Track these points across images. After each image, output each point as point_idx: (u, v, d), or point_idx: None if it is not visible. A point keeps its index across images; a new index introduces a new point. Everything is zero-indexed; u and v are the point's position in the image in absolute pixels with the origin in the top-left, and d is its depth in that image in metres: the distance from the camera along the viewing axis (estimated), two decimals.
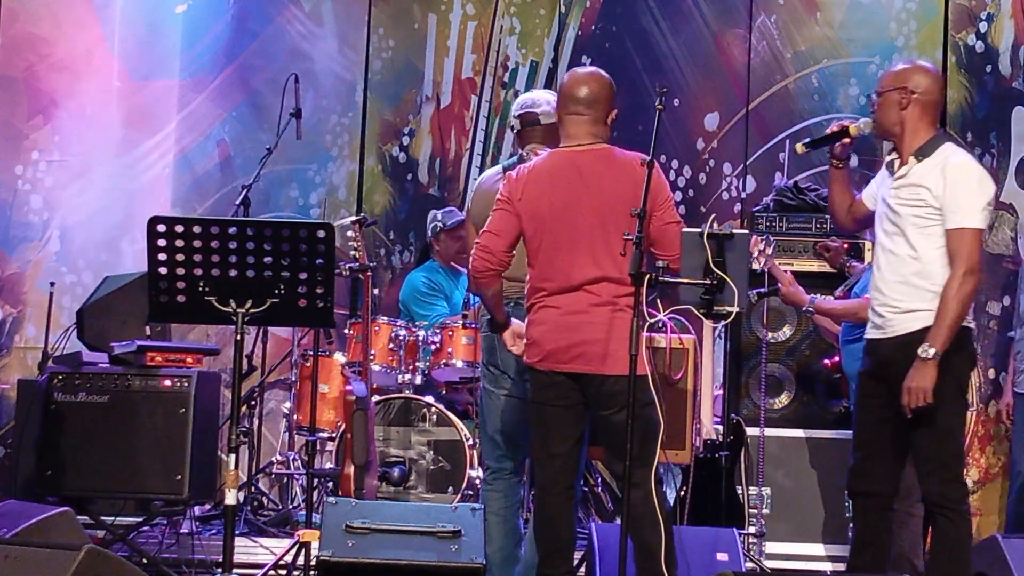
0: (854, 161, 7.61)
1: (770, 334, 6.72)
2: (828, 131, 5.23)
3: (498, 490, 5.49)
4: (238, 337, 4.87)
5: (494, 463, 5.52)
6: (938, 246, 4.91)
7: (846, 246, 6.65)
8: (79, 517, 5.67)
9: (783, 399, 6.80)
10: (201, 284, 4.84)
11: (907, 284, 4.95)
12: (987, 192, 4.94)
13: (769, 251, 5.99)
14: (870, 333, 5.09)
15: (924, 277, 4.93)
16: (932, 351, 4.81)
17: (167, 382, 6.22)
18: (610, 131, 4.99)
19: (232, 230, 4.84)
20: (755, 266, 5.89)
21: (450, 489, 6.96)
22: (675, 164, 8.13)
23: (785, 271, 6.12)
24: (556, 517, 4.92)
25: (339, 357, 7.23)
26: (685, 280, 4.63)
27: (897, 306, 4.96)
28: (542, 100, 5.58)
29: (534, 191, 4.92)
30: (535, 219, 4.91)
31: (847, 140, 5.19)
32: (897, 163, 5.05)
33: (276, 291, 4.85)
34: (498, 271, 4.96)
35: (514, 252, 4.96)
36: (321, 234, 4.84)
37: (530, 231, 4.92)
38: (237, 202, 6.54)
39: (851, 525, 5.24)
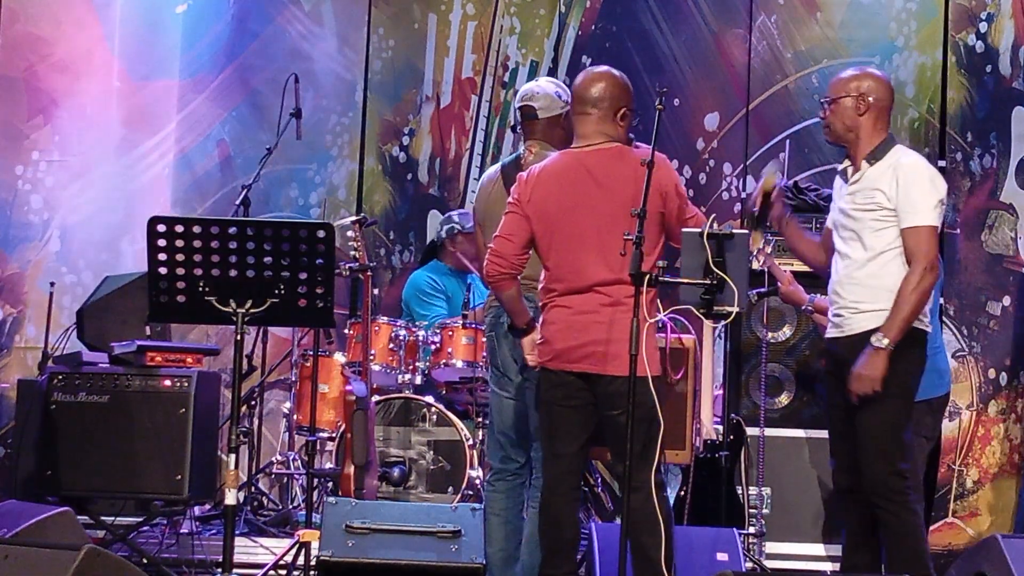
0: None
1: (770, 334, 6.72)
2: (755, 205, 5.19)
3: (500, 491, 5.49)
4: (238, 337, 4.87)
5: (497, 463, 5.53)
6: (893, 247, 4.98)
7: None
8: (79, 517, 5.68)
9: (783, 399, 6.80)
10: (201, 284, 4.84)
11: (863, 286, 5.02)
12: (939, 190, 5.02)
13: (768, 249, 5.99)
14: (829, 333, 5.17)
15: (880, 278, 5.00)
16: (885, 341, 4.89)
17: (167, 382, 6.22)
18: (622, 128, 4.97)
19: (232, 230, 4.84)
20: (755, 265, 5.90)
21: (450, 489, 6.95)
22: (675, 164, 8.13)
23: (785, 270, 6.12)
24: (560, 517, 4.93)
25: (339, 357, 7.23)
26: (685, 280, 4.63)
27: (856, 307, 5.03)
28: (541, 92, 5.57)
29: (542, 192, 4.94)
30: (544, 220, 4.92)
31: (773, 194, 5.19)
32: (850, 170, 5.10)
33: (276, 291, 4.85)
34: (511, 274, 4.98)
35: (527, 254, 4.97)
36: (321, 234, 4.84)
37: (540, 232, 4.93)
38: (237, 202, 6.54)
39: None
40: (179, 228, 4.83)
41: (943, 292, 7.01)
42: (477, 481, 6.84)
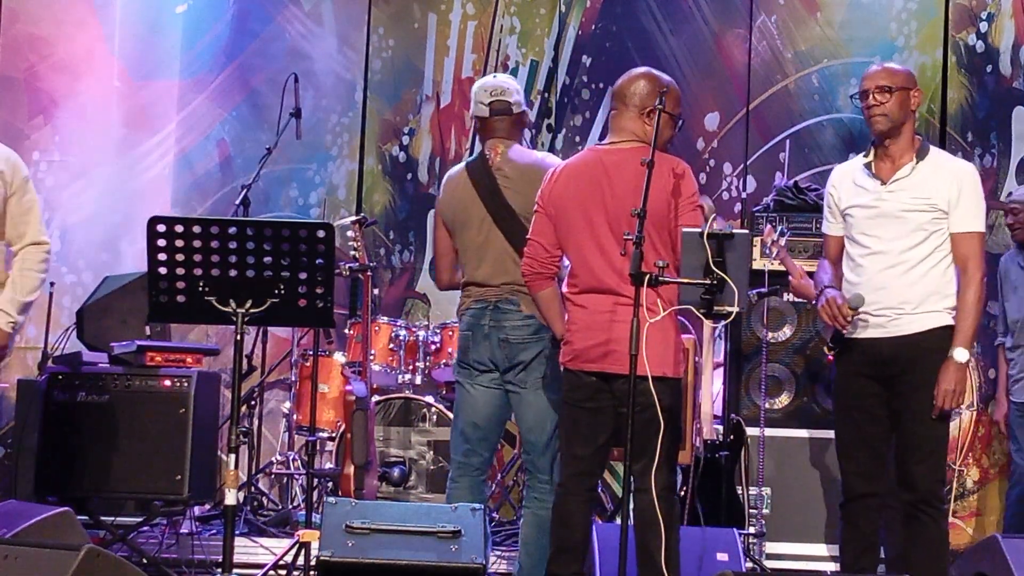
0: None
1: (770, 334, 6.72)
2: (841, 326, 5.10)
3: (463, 487, 5.49)
4: (238, 337, 4.86)
5: (461, 457, 5.52)
6: (945, 250, 4.98)
7: None
8: (79, 517, 5.67)
9: (783, 399, 6.80)
10: (201, 284, 4.83)
11: (912, 287, 4.98)
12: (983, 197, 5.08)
13: (783, 242, 5.98)
14: (864, 333, 5.08)
15: (931, 280, 4.99)
16: (966, 355, 4.93)
17: (167, 382, 6.22)
18: (649, 127, 4.90)
19: (232, 230, 4.83)
20: (761, 260, 5.89)
21: None
22: None
23: (797, 265, 6.08)
24: (572, 516, 4.95)
25: (339, 357, 7.22)
26: (685, 280, 4.63)
27: (902, 308, 4.99)
28: (512, 88, 5.56)
29: (560, 189, 4.97)
30: (562, 219, 4.95)
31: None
32: (880, 165, 5.06)
33: (276, 291, 4.84)
34: (544, 274, 5.00)
35: (559, 252, 4.98)
36: (321, 234, 4.83)
37: (560, 231, 4.96)
38: (237, 202, 6.54)
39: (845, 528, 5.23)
40: (179, 228, 4.82)
41: None
42: None
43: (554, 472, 5.31)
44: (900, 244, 5.00)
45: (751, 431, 6.58)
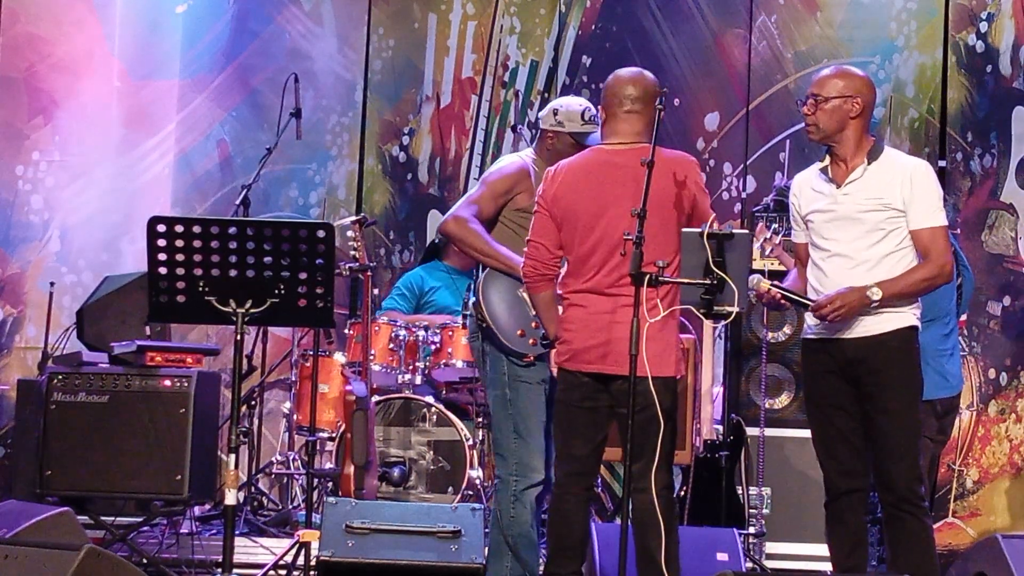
0: None
1: (770, 334, 6.72)
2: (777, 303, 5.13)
3: None
4: (238, 337, 4.87)
5: None
6: (904, 247, 4.98)
7: None
8: (79, 517, 5.68)
9: (783, 399, 6.80)
10: (201, 284, 4.84)
11: None
12: (941, 190, 5.07)
13: (777, 239, 5.97)
14: (828, 333, 5.04)
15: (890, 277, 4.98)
16: (878, 295, 4.88)
17: (167, 382, 6.22)
18: (651, 127, 4.90)
19: (232, 230, 4.84)
20: (760, 257, 5.90)
21: (450, 489, 6.95)
22: None
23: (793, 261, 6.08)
24: (569, 515, 4.94)
25: (339, 357, 7.23)
26: (685, 280, 4.64)
27: (867, 308, 4.99)
28: (552, 106, 5.58)
29: (565, 189, 4.96)
30: (567, 218, 4.94)
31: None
32: (835, 169, 5.06)
33: (276, 291, 4.85)
34: (547, 276, 4.98)
35: (561, 253, 4.97)
36: (321, 234, 4.84)
37: (563, 230, 4.95)
38: (237, 202, 6.55)
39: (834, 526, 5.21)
40: (179, 228, 4.83)
41: None
42: (477, 481, 6.84)
43: (510, 479, 5.26)
44: (859, 244, 5.01)
45: (751, 431, 6.59)
